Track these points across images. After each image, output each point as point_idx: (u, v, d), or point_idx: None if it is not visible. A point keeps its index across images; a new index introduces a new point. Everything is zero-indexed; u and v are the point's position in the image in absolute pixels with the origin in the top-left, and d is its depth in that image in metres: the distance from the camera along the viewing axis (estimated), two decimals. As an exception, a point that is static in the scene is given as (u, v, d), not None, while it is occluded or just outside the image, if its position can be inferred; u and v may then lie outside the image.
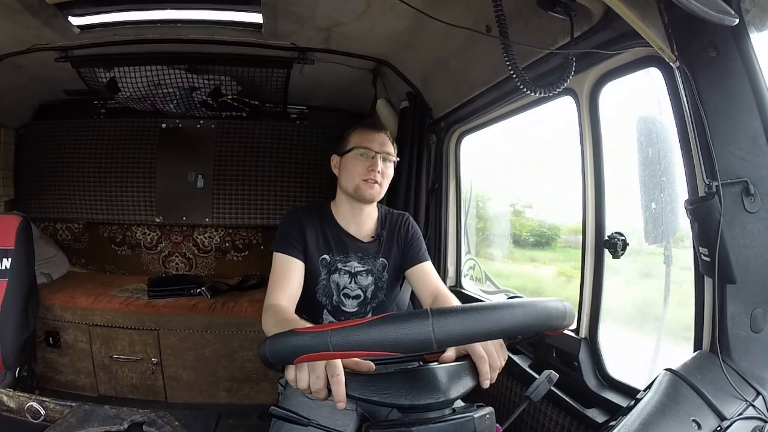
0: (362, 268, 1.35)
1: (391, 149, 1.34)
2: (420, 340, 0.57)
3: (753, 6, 0.82)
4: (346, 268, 1.34)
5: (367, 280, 1.36)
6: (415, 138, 2.09)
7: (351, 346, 0.59)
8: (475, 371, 0.77)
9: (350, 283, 1.34)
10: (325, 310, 1.35)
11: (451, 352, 0.81)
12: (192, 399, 2.39)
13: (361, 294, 1.35)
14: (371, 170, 1.29)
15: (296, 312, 1.18)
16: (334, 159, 1.38)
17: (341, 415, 1.11)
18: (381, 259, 1.37)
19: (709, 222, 0.83)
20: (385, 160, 1.32)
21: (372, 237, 1.38)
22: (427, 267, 1.37)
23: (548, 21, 1.12)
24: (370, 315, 1.37)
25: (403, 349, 0.58)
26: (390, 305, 1.42)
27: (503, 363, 0.80)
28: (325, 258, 1.32)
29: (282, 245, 1.27)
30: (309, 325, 0.80)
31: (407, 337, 0.57)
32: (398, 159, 1.37)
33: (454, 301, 1.26)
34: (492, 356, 0.78)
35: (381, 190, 1.32)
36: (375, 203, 1.38)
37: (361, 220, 1.37)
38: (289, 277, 1.24)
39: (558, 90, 1.01)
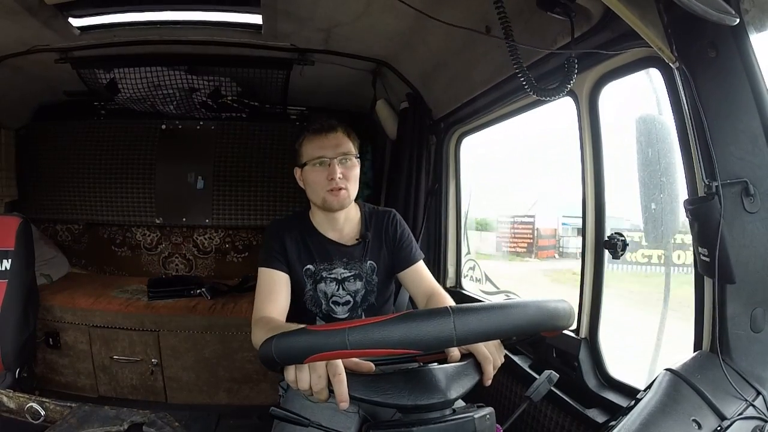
0: (349, 274, 1.31)
1: (349, 147, 1.26)
2: (441, 338, 0.58)
3: (753, 6, 0.81)
4: (332, 276, 1.31)
5: (355, 285, 1.32)
6: (414, 139, 2.09)
7: (371, 344, 0.58)
8: (475, 371, 0.77)
9: (338, 290, 1.31)
10: (317, 318, 1.33)
11: (456, 351, 0.81)
12: (192, 400, 2.39)
13: (351, 300, 1.32)
14: (331, 179, 1.23)
15: (289, 321, 1.17)
16: (297, 172, 1.32)
17: (343, 417, 1.10)
18: (369, 261, 1.33)
19: (709, 222, 0.83)
20: (344, 161, 1.25)
21: (357, 239, 1.33)
22: (420, 267, 1.35)
23: (548, 21, 1.12)
24: (362, 318, 1.35)
25: (424, 347, 0.58)
26: (382, 307, 1.38)
27: (502, 361, 0.82)
28: (309, 268, 1.30)
29: (265, 260, 1.26)
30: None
31: (429, 335, 0.58)
32: (359, 156, 1.28)
33: (449, 300, 1.26)
34: (494, 356, 0.80)
35: (349, 194, 1.26)
36: (354, 204, 1.34)
37: (341, 226, 1.32)
38: (275, 291, 1.22)
39: (563, 93, 1.02)
